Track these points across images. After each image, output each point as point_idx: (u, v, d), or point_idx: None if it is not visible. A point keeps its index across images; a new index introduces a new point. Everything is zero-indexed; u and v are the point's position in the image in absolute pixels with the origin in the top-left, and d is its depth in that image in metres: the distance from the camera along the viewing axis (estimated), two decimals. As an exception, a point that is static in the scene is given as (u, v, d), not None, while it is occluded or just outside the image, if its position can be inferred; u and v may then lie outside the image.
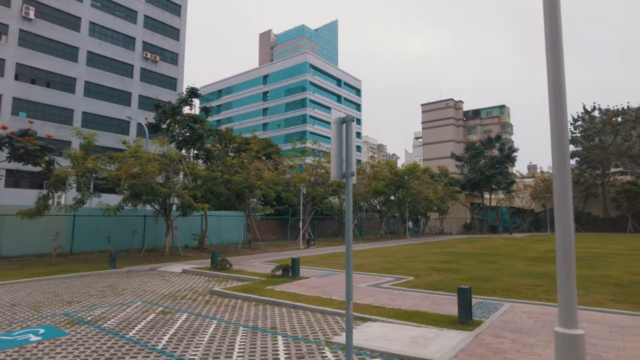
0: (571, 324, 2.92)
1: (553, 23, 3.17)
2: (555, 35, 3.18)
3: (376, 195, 33.20)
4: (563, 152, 3.20)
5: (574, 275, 3.19)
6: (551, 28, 3.17)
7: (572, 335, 2.88)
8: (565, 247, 3.16)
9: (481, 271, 13.29)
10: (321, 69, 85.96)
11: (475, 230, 46.13)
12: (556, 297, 8.92)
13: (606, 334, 6.17)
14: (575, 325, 2.95)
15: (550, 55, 3.19)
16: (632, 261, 15.65)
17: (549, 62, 3.20)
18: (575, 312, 2.99)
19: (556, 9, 3.16)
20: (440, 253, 19.92)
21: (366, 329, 6.71)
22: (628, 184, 44.77)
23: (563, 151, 3.20)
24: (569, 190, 3.22)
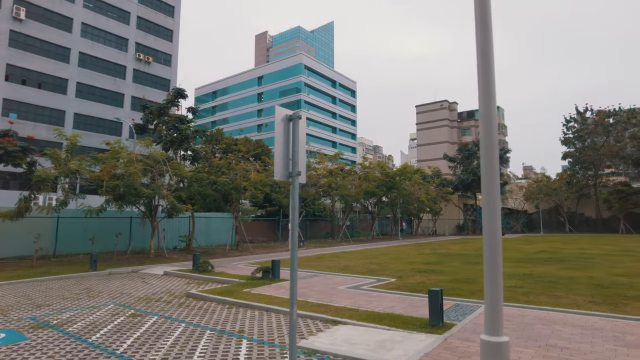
0: (496, 331, 2.78)
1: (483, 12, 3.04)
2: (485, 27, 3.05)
3: (367, 196, 33.10)
4: (490, 151, 3.04)
5: (501, 281, 3.04)
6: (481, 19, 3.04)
7: (497, 343, 2.75)
8: (492, 252, 3.02)
9: (465, 272, 13.18)
10: (316, 70, 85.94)
11: (468, 232, 46.09)
12: (536, 299, 8.88)
13: (577, 337, 6.06)
14: (500, 333, 2.80)
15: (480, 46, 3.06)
16: (618, 262, 15.59)
17: (479, 56, 3.07)
18: (500, 319, 2.83)
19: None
20: (428, 254, 19.82)
21: (335, 332, 6.57)
22: (620, 184, 44.88)
23: (490, 150, 3.04)
24: (497, 193, 3.06)
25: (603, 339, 5.95)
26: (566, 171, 49.02)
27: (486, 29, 3.03)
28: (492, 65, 3.06)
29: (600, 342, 5.84)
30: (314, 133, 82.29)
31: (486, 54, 3.04)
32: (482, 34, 3.03)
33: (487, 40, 3.03)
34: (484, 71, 3.04)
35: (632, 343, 5.75)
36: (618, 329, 6.50)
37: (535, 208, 48.71)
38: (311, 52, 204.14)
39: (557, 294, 9.36)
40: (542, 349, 5.54)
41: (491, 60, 3.06)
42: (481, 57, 3.05)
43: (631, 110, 44.98)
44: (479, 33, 3.05)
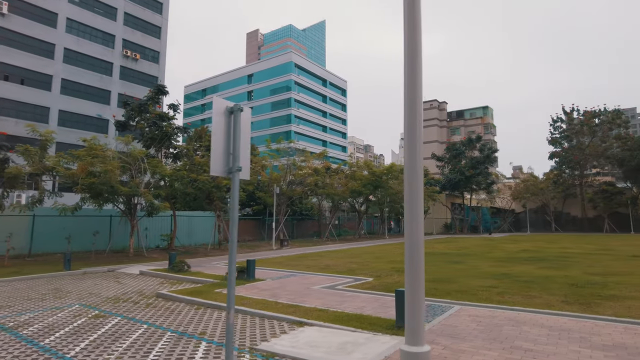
0: (416, 340, 2.60)
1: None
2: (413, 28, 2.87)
3: (354, 195, 32.98)
4: (414, 151, 2.84)
5: (422, 289, 2.86)
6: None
7: (417, 354, 2.57)
8: (413, 257, 2.82)
9: (445, 272, 13.09)
10: (306, 69, 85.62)
11: (455, 231, 46.21)
12: (510, 299, 8.78)
13: (544, 339, 5.94)
14: (420, 343, 2.61)
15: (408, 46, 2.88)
16: (597, 261, 15.62)
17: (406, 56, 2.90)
18: (421, 329, 2.64)
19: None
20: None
21: (299, 334, 6.39)
22: (604, 184, 45.30)
23: (414, 150, 2.84)
24: (420, 194, 2.86)
25: (569, 340, 5.85)
26: (553, 171, 49.37)
27: (415, 29, 2.86)
28: (419, 66, 2.89)
29: (565, 343, 5.73)
30: (304, 132, 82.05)
31: (413, 53, 2.86)
32: (410, 34, 2.86)
33: (415, 40, 2.86)
34: (410, 73, 2.86)
35: (597, 344, 5.65)
36: (586, 329, 6.41)
37: (523, 207, 48.99)
38: (303, 50, 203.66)
39: (531, 293, 9.28)
40: (506, 351, 5.42)
41: (419, 62, 2.89)
42: (408, 56, 2.88)
43: (616, 111, 45.42)
44: (407, 33, 2.87)
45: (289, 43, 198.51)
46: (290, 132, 79.17)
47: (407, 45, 2.88)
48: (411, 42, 2.86)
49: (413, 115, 2.84)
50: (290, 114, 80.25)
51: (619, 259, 16.34)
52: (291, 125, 79.35)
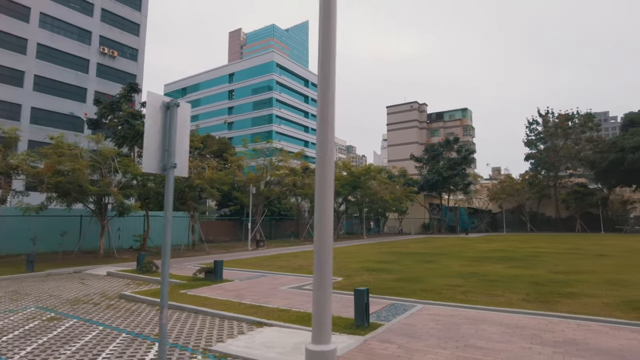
0: (321, 339, 2.57)
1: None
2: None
3: (334, 195, 32.99)
4: (325, 151, 2.82)
5: (330, 288, 2.83)
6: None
7: (321, 352, 2.54)
8: (321, 256, 2.79)
9: (415, 271, 13.19)
10: (288, 69, 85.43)
11: (433, 231, 46.74)
12: (474, 298, 8.88)
13: (498, 336, 6.01)
14: (326, 341, 2.59)
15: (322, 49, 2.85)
16: (564, 260, 15.98)
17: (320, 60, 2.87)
18: (327, 327, 2.60)
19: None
20: (385, 253, 19.84)
21: (256, 335, 6.32)
22: (576, 185, 46.48)
23: (325, 151, 2.82)
24: (330, 192, 2.83)
25: (522, 338, 5.93)
26: (528, 172, 50.45)
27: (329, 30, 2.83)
28: (332, 66, 2.86)
29: (518, 340, 5.81)
30: (286, 132, 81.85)
31: (327, 52, 2.83)
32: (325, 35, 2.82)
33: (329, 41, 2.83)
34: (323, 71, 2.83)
35: (548, 341, 5.75)
36: (540, 326, 6.51)
37: (499, 208, 49.86)
38: (285, 50, 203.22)
39: (495, 292, 9.41)
40: (459, 349, 5.45)
41: (332, 63, 2.86)
42: (322, 54, 2.84)
43: (587, 115, 46.68)
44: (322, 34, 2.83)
45: (271, 43, 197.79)
46: (271, 132, 78.88)
47: (321, 42, 2.84)
48: (325, 40, 2.82)
49: (325, 113, 2.80)
50: (271, 114, 79.93)
51: (585, 258, 16.75)
52: (272, 125, 79.03)
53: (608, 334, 6.09)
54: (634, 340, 5.80)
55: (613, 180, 40.38)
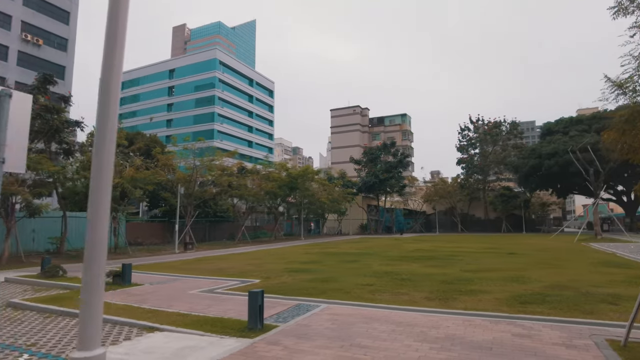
0: (87, 345, 2.44)
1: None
2: None
3: (271, 197, 32.78)
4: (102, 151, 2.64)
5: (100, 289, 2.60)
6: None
7: (87, 359, 2.43)
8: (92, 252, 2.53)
9: (335, 271, 13.34)
10: (232, 67, 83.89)
11: (370, 231, 47.87)
12: (379, 297, 9.09)
13: (386, 335, 6.15)
14: (92, 347, 2.47)
15: None
16: (478, 259, 16.91)
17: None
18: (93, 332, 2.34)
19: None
20: (315, 254, 19.96)
21: (142, 340, 6.03)
22: (503, 189, 49.68)
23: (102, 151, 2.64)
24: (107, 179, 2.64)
25: (408, 335, 6.12)
26: (459, 175, 53.18)
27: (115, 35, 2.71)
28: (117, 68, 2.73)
29: (404, 338, 5.98)
30: (229, 131, 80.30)
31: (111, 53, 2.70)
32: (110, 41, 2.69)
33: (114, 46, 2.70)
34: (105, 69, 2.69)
35: (430, 338, 5.97)
36: (430, 324, 6.77)
37: (433, 209, 52.09)
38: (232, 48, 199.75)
39: (401, 291, 9.71)
40: (343, 349, 5.52)
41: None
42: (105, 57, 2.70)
43: (513, 123, 50.16)
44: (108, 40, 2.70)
45: (217, 40, 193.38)
46: (213, 130, 77.06)
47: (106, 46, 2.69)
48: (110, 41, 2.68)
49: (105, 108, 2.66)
50: (213, 112, 78.05)
51: (498, 257, 17.86)
52: (214, 124, 77.21)
53: (487, 328, 6.45)
54: (507, 332, 6.18)
55: (533, 184, 43.58)
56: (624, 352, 5.37)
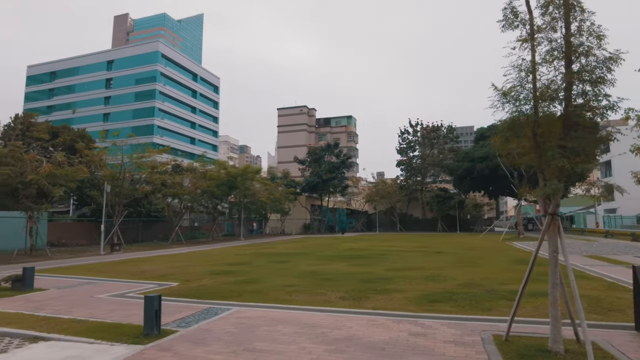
0: None
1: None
2: None
3: (208, 196, 31.91)
4: None
5: None
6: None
7: None
8: None
9: (261, 272, 13.18)
10: (175, 61, 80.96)
11: (313, 231, 48.14)
12: (296, 297, 9.04)
13: (285, 337, 6.11)
14: None
15: None
16: (405, 257, 17.43)
17: None
18: None
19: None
20: (247, 255, 19.67)
21: (20, 353, 5.56)
22: (439, 190, 51.91)
23: None
24: None
25: (309, 337, 6.11)
26: (399, 177, 54.90)
27: None
28: None
29: (303, 340, 5.97)
30: (170, 127, 77.46)
31: None
32: None
33: None
34: None
35: (329, 339, 5.99)
36: (336, 324, 6.81)
37: (374, 209, 53.33)
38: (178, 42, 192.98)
39: (320, 291, 9.74)
40: (235, 354, 5.38)
41: None
42: None
43: (449, 127, 52.58)
44: None
45: (162, 32, 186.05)
46: (153, 126, 74.03)
47: None
48: None
49: None
50: (154, 107, 74.92)
51: (425, 255, 18.54)
52: (154, 119, 74.16)
53: (388, 328, 6.60)
54: (405, 332, 6.36)
55: (467, 186, 45.89)
56: (504, 346, 5.70)
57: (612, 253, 19.15)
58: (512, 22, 5.79)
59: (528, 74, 5.63)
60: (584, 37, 5.38)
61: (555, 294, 5.67)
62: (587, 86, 5.43)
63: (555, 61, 5.57)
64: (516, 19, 5.76)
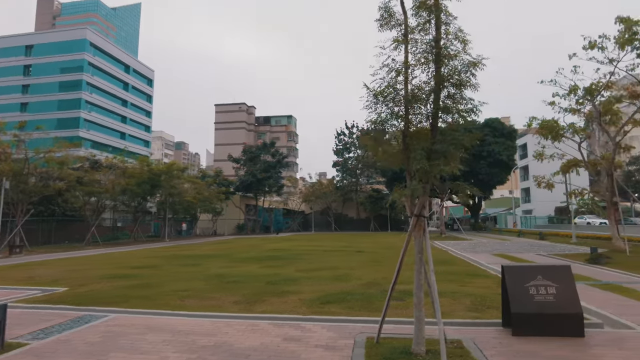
0: None
1: None
2: None
3: (130, 194, 30.15)
4: None
5: None
6: None
7: None
8: None
9: (164, 276, 12.49)
10: (105, 50, 76.08)
11: (247, 231, 47.30)
12: (187, 303, 8.55)
13: (149, 347, 5.71)
14: None
15: None
16: (324, 257, 17.42)
17: None
18: None
19: None
20: (157, 257, 18.65)
21: None
22: (372, 191, 53.21)
23: None
24: None
25: (176, 345, 5.75)
26: (334, 177, 55.58)
27: None
28: None
29: (167, 349, 5.59)
30: (98, 120, 72.70)
31: None
32: None
33: None
34: None
35: (197, 347, 5.66)
36: (211, 331, 6.49)
37: (310, 209, 53.52)
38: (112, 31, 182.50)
39: (215, 295, 9.35)
40: (82, 367, 4.93)
41: None
42: None
43: (383, 129, 53.97)
44: None
45: (94, 20, 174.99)
46: (79, 118, 69.16)
47: None
48: None
49: None
50: (80, 98, 69.96)
51: (345, 255, 18.71)
52: (80, 112, 69.30)
53: (265, 332, 6.39)
54: (281, 337, 6.17)
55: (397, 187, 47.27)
56: (373, 349, 5.68)
57: (518, 251, 20.48)
58: (389, 21, 5.82)
59: (398, 74, 5.67)
60: (450, 41, 5.52)
61: (419, 296, 5.76)
62: (452, 89, 5.57)
63: (424, 66, 5.66)
64: (392, 19, 5.79)
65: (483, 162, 40.46)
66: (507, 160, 42.03)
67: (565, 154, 20.74)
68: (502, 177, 43.50)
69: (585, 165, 19.91)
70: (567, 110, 18.84)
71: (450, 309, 8.02)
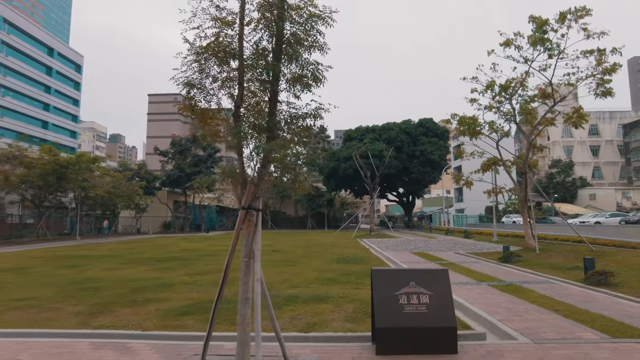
0: None
1: None
2: None
3: (33, 188, 26.92)
4: None
5: None
6: None
7: None
8: None
9: (20, 281, 10.60)
10: (23, 30, 69.20)
11: (175, 229, 44.55)
12: (20, 315, 6.93)
13: None
14: None
15: None
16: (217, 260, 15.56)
17: None
18: None
19: None
20: (38, 258, 16.34)
21: None
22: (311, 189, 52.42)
23: None
24: None
25: None
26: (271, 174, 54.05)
27: None
28: None
29: None
30: (15, 107, 65.93)
31: None
32: None
33: None
34: None
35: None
36: (8, 352, 5.01)
37: (247, 207, 51.57)
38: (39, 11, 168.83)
39: (58, 305, 7.75)
40: None
41: None
42: None
43: (321, 127, 53.25)
44: None
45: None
46: (-8, 104, 62.29)
47: None
48: None
49: None
50: (-8, 82, 63.05)
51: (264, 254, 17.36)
52: (-7, 97, 62.41)
53: (75, 354, 5.00)
54: None
55: (333, 184, 46.89)
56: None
57: (439, 249, 20.26)
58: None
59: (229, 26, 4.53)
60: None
61: (243, 312, 4.64)
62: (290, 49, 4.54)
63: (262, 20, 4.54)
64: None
65: (416, 161, 40.83)
66: (439, 160, 42.73)
67: (485, 152, 20.81)
68: (434, 176, 44.22)
69: (503, 164, 20.04)
70: (486, 107, 18.80)
71: (326, 318, 6.99)
